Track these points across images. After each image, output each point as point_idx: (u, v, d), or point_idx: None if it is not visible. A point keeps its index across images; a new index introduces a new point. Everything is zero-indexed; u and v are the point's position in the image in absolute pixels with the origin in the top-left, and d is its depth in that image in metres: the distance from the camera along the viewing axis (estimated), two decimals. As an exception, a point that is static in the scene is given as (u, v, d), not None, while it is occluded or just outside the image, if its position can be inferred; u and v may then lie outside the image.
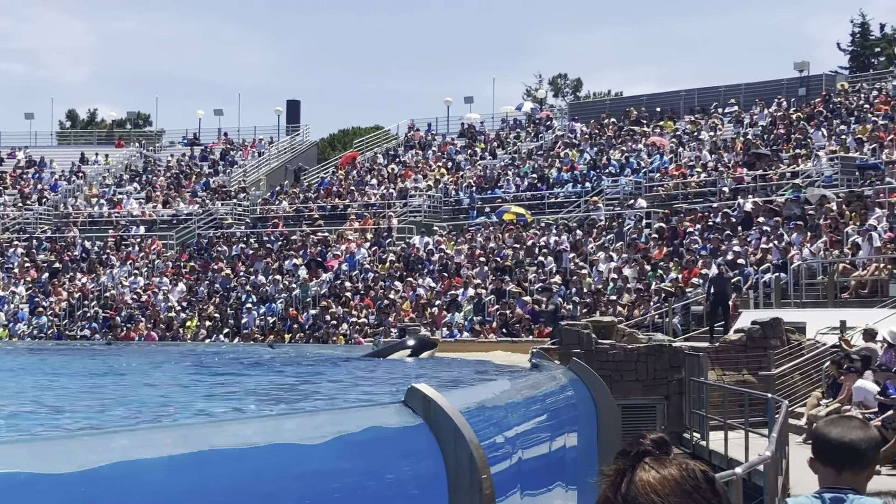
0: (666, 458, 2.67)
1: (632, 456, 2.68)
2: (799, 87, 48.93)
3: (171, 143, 63.98)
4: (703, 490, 2.64)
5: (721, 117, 47.70)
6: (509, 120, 57.38)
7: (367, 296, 36.79)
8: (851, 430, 4.05)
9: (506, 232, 38.81)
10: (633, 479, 2.63)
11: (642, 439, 2.73)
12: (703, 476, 2.66)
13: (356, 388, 17.04)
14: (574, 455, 10.83)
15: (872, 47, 68.84)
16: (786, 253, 28.57)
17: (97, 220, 50.86)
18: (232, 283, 40.75)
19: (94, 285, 43.34)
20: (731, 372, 21.43)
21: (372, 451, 6.02)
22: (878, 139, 37.07)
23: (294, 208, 48.63)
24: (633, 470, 2.65)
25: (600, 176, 43.35)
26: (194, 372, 22.09)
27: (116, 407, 13.42)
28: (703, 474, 2.66)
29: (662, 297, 29.06)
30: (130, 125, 71.61)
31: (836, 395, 18.24)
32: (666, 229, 34.15)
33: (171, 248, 46.73)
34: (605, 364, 20.57)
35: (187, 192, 52.67)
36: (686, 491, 2.62)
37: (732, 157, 40.25)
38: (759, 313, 24.80)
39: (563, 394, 11.53)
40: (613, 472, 2.68)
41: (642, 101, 53.64)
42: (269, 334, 36.67)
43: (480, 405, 8.33)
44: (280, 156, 59.57)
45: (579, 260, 34.24)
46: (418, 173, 49.84)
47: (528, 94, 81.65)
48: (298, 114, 65.36)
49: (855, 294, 25.71)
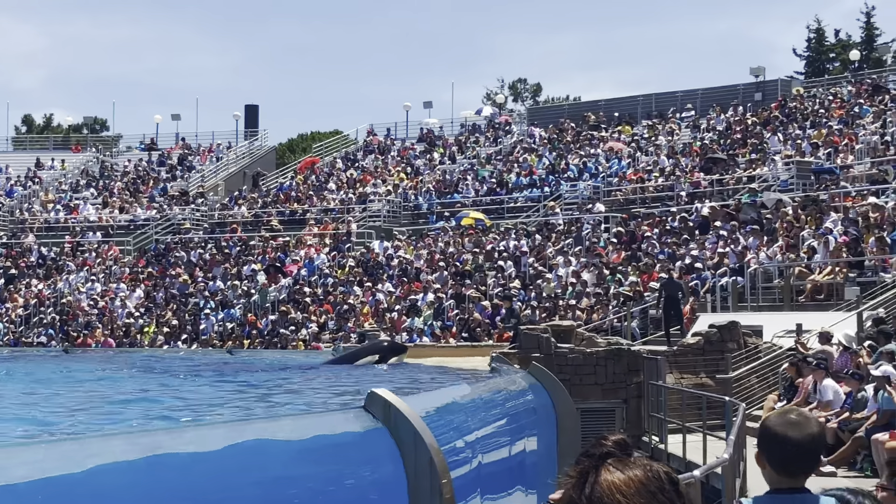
0: (629, 459, 2.69)
1: (595, 457, 2.69)
2: (755, 92, 49.37)
3: (129, 149, 63.55)
4: (667, 491, 2.66)
5: (678, 122, 48.01)
6: (468, 125, 57.47)
7: (326, 301, 36.70)
8: (809, 427, 3.97)
9: (465, 236, 38.85)
10: (598, 480, 2.65)
11: (604, 441, 2.75)
12: (667, 477, 2.68)
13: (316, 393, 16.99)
14: (534, 459, 10.86)
15: (827, 53, 69.52)
16: (742, 257, 28.78)
17: (53, 226, 50.41)
18: (190, 288, 40.51)
19: (50, 291, 42.94)
20: (689, 375, 21.55)
21: (332, 456, 6.01)
22: (833, 144, 37.42)
23: (252, 213, 48.44)
24: (597, 471, 2.67)
25: (559, 180, 43.49)
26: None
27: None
28: (667, 476, 2.68)
29: (621, 301, 29.19)
30: (87, 130, 71.09)
31: (793, 397, 18.38)
32: (624, 234, 34.32)
33: (128, 253, 46.39)
34: (564, 368, 20.62)
35: (145, 197, 52.31)
36: (651, 492, 2.64)
37: (689, 162, 40.50)
38: (716, 317, 24.96)
39: (523, 398, 11.56)
40: (577, 473, 2.69)
41: (600, 106, 53.91)
42: (227, 340, 36.47)
43: (441, 410, 8.33)
44: (238, 161, 59.30)
45: (538, 264, 34.33)
46: (377, 178, 49.79)
47: (488, 98, 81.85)
48: (257, 118, 65.11)
49: (811, 297, 25.92)
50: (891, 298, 22.81)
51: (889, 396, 14.80)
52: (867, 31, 67.78)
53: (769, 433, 3.96)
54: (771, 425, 3.98)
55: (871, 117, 39.45)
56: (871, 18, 67.86)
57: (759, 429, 4.06)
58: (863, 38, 67.65)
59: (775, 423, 3.98)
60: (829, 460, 15.26)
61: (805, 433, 3.92)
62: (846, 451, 15.40)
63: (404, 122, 59.37)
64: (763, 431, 4.00)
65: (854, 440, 15.29)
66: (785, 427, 3.93)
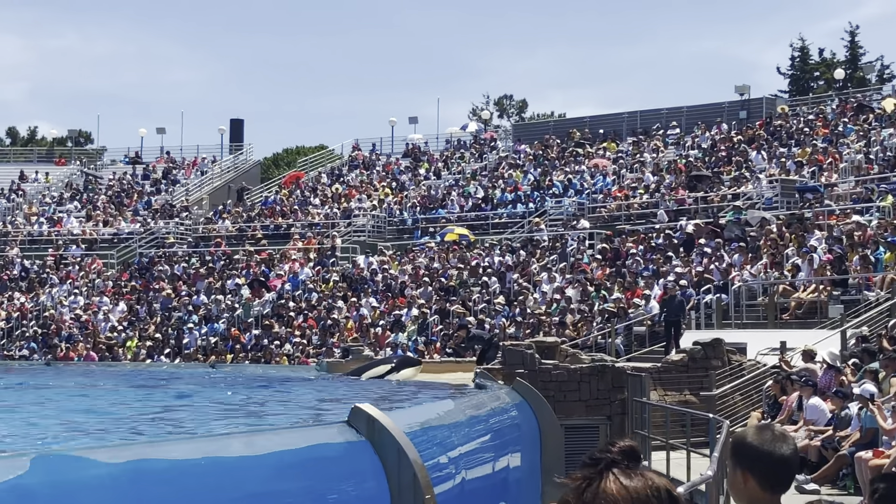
0: (632, 470, 2.67)
1: (600, 464, 2.67)
2: (740, 111, 49.51)
3: (113, 162, 63.38)
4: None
5: (663, 139, 48.11)
6: (453, 140, 57.52)
7: (310, 316, 36.61)
8: (790, 441, 3.95)
9: (450, 252, 38.83)
10: (599, 488, 2.62)
11: (612, 447, 2.72)
12: (668, 494, 2.66)
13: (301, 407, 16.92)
14: (517, 475, 10.81)
15: (812, 71, 69.86)
16: (727, 274, 28.82)
17: (37, 239, 50.22)
18: (173, 302, 40.38)
19: (33, 305, 42.76)
20: (673, 392, 21.54)
21: (315, 471, 5.96)
22: (817, 162, 37.54)
23: (237, 228, 48.34)
24: (600, 479, 2.64)
25: (544, 197, 43.53)
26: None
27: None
28: (668, 492, 2.66)
29: (605, 317, 29.19)
30: (71, 143, 70.89)
31: (777, 414, 18.39)
32: (608, 250, 34.34)
33: (111, 267, 46.22)
34: (548, 384, 20.58)
35: (129, 210, 52.18)
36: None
37: (674, 179, 40.60)
38: (700, 334, 24.98)
39: (507, 414, 11.52)
40: (580, 478, 2.66)
41: (585, 123, 53.99)
42: (210, 355, 36.34)
43: (424, 425, 8.29)
44: (223, 175, 59.22)
45: (523, 280, 34.32)
46: (362, 193, 49.76)
47: (474, 114, 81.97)
48: (242, 133, 65.05)
49: (795, 315, 25.98)
50: (875, 316, 22.87)
51: (872, 415, 14.81)
52: (851, 50, 68.16)
53: (754, 449, 3.92)
54: (754, 441, 3.93)
55: (856, 136, 39.61)
56: (855, 37, 68.30)
57: (738, 446, 3.99)
58: (847, 57, 68.03)
59: (759, 439, 3.93)
60: (813, 478, 15.27)
61: (789, 447, 3.92)
62: (829, 468, 15.41)
63: (389, 138, 59.46)
64: (745, 448, 3.94)
65: (837, 458, 15.29)
66: (771, 442, 3.91)
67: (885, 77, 65.31)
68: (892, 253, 25.51)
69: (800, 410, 17.68)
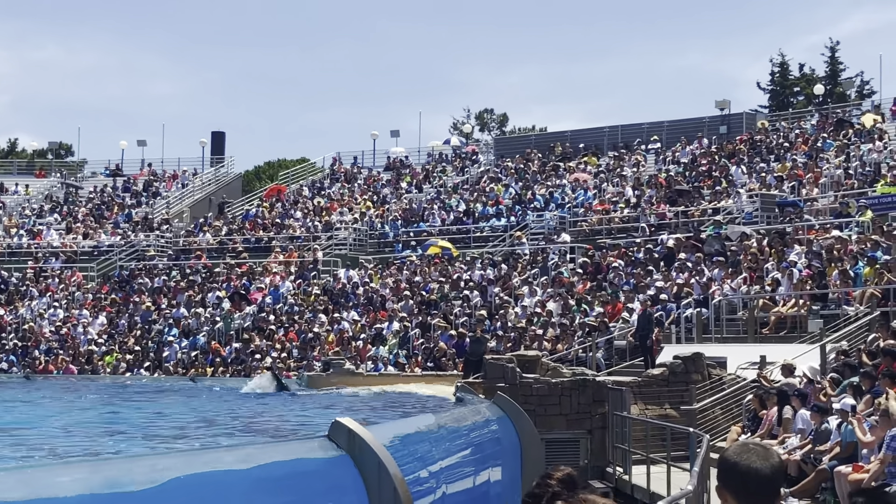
0: (576, 498, 2.66)
1: (543, 501, 2.65)
2: (720, 125, 49.74)
3: (94, 174, 63.20)
4: None
5: (644, 154, 48.26)
6: (435, 154, 57.58)
7: (291, 329, 36.54)
8: (772, 457, 3.93)
9: (431, 265, 38.82)
10: None
11: (549, 480, 2.71)
12: None
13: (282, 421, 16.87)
14: (498, 489, 10.79)
15: (792, 87, 70.19)
16: (707, 288, 28.88)
17: (16, 251, 49.98)
18: (153, 315, 40.25)
19: (12, 317, 42.55)
20: (654, 406, 21.56)
21: (294, 485, 5.93)
22: (797, 177, 37.68)
23: (218, 240, 48.22)
24: None
25: (525, 210, 43.58)
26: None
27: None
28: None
29: (586, 331, 29.21)
30: (52, 155, 70.64)
31: (757, 429, 18.42)
32: (590, 264, 34.39)
33: (91, 280, 46.04)
34: (529, 398, 20.58)
35: (109, 223, 52.01)
36: None
37: (655, 194, 40.69)
38: (680, 348, 25.01)
39: (488, 428, 11.50)
40: None
41: (567, 137, 54.13)
42: (190, 368, 36.23)
43: (405, 439, 8.27)
44: (204, 187, 59.10)
45: (504, 294, 34.34)
46: (344, 206, 49.74)
47: (455, 128, 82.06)
48: (223, 145, 64.96)
49: (775, 330, 26.04)
50: (854, 331, 22.93)
51: (852, 428, 14.85)
52: (831, 66, 68.52)
53: (733, 465, 3.92)
54: (734, 457, 3.94)
55: (835, 151, 39.79)
56: (835, 53, 68.66)
57: (720, 462, 4.01)
58: (827, 73, 68.37)
59: (738, 455, 3.93)
60: (793, 492, 15.30)
61: (769, 463, 3.90)
62: (809, 482, 15.43)
63: (371, 151, 59.53)
64: (726, 464, 3.95)
65: (817, 472, 15.32)
66: (749, 458, 3.90)
67: (865, 93, 65.64)
68: (872, 268, 25.60)
69: (779, 425, 17.72)
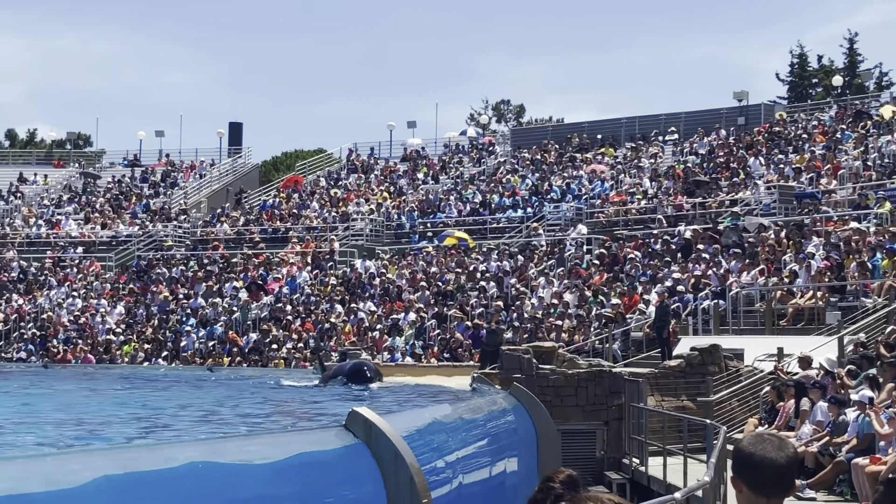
0: (580, 497, 2.67)
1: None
2: (738, 117, 49.56)
3: (112, 164, 63.33)
4: None
5: (661, 145, 48.13)
6: (452, 145, 57.52)
7: (307, 319, 36.60)
8: (786, 448, 3.94)
9: (447, 256, 38.82)
10: None
11: (552, 483, 2.72)
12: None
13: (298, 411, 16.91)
14: (514, 480, 10.81)
15: (810, 78, 69.90)
16: (724, 280, 28.83)
17: (35, 241, 50.17)
18: (171, 305, 40.37)
19: (30, 307, 42.73)
20: (671, 398, 21.54)
21: (312, 474, 5.96)
22: (815, 168, 37.55)
23: (235, 231, 48.31)
24: None
25: (542, 202, 43.53)
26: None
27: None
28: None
29: (603, 322, 29.19)
30: (70, 145, 70.83)
31: (774, 420, 18.39)
32: (606, 255, 34.34)
33: (109, 269, 46.19)
34: (545, 389, 20.59)
35: (127, 213, 52.16)
36: None
37: (672, 185, 40.60)
38: (697, 340, 24.98)
39: (504, 418, 11.52)
40: None
41: (584, 128, 54.03)
42: (207, 358, 36.33)
43: (421, 429, 8.29)
44: (222, 178, 59.19)
45: (520, 285, 34.32)
46: (360, 197, 49.76)
47: (472, 119, 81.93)
48: (241, 136, 65.00)
49: (792, 321, 25.97)
50: (872, 323, 22.86)
51: (869, 420, 14.82)
52: (850, 57, 68.19)
53: (748, 456, 3.93)
54: (749, 448, 3.94)
55: (853, 143, 39.64)
56: (853, 44, 68.34)
57: (735, 452, 4.01)
58: (846, 64, 68.05)
59: (753, 446, 3.94)
60: (809, 484, 15.28)
61: (783, 454, 3.90)
62: (826, 475, 15.41)
63: (388, 142, 59.45)
64: (740, 455, 3.96)
65: (834, 464, 15.30)
66: (764, 449, 3.90)
67: (884, 84, 65.37)
68: (890, 259, 25.51)
69: (796, 417, 17.69)
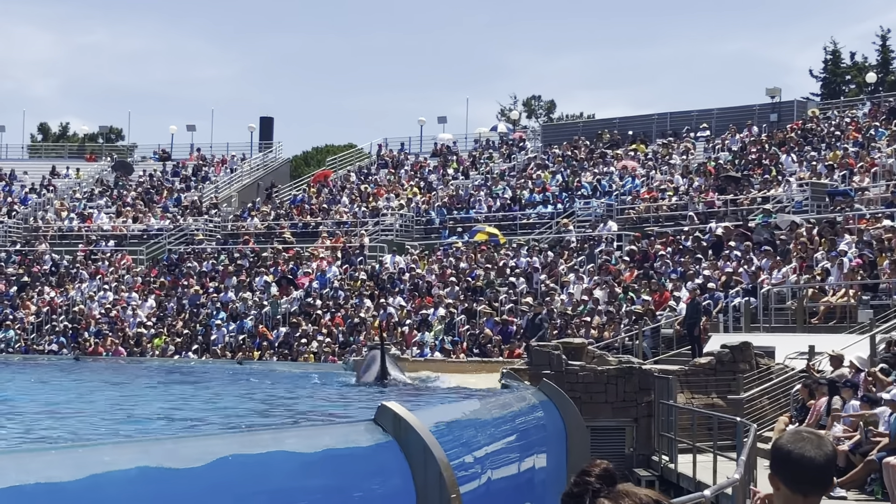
0: (617, 495, 2.64)
1: (584, 498, 2.63)
2: (771, 113, 49.27)
3: (143, 158, 63.70)
4: None
5: (693, 141, 47.93)
6: (482, 140, 57.50)
7: (337, 314, 36.68)
8: (825, 446, 3.90)
9: (477, 252, 38.81)
10: None
11: (588, 477, 2.68)
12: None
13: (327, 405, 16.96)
14: (543, 476, 10.78)
15: (843, 75, 69.45)
16: (756, 277, 28.68)
17: (67, 234, 50.54)
18: (201, 299, 40.56)
19: (62, 299, 43.04)
20: (701, 395, 21.45)
21: (341, 468, 5.96)
22: (848, 166, 37.31)
23: (265, 225, 48.49)
24: None
25: (572, 198, 43.44)
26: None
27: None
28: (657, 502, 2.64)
29: (633, 319, 29.11)
30: (102, 139, 71.27)
31: (805, 419, 18.28)
32: (637, 252, 34.23)
33: (140, 263, 46.48)
34: (574, 385, 20.53)
35: (158, 207, 52.45)
36: None
37: (704, 182, 40.42)
38: (728, 337, 24.85)
39: (533, 414, 11.48)
40: None
41: (614, 124, 53.86)
42: (237, 351, 36.49)
43: (450, 424, 8.27)
44: (252, 172, 59.42)
45: (550, 281, 34.27)
46: (390, 192, 49.81)
47: (502, 115, 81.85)
48: (272, 131, 65.25)
49: (824, 319, 25.81)
50: (904, 322, 22.69)
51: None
52: (883, 54, 67.73)
53: (786, 454, 3.89)
54: (787, 446, 3.91)
55: (887, 140, 39.35)
56: (886, 41, 67.84)
57: (773, 450, 3.98)
58: (879, 61, 67.57)
59: (792, 444, 3.91)
60: (840, 483, 15.17)
61: (822, 452, 3.87)
62: (857, 473, 15.31)
63: (418, 137, 59.53)
64: (778, 452, 3.93)
65: (866, 463, 15.19)
66: (803, 447, 3.87)
67: (918, 81, 64.87)
68: (923, 258, 25.32)
69: (828, 415, 17.57)
